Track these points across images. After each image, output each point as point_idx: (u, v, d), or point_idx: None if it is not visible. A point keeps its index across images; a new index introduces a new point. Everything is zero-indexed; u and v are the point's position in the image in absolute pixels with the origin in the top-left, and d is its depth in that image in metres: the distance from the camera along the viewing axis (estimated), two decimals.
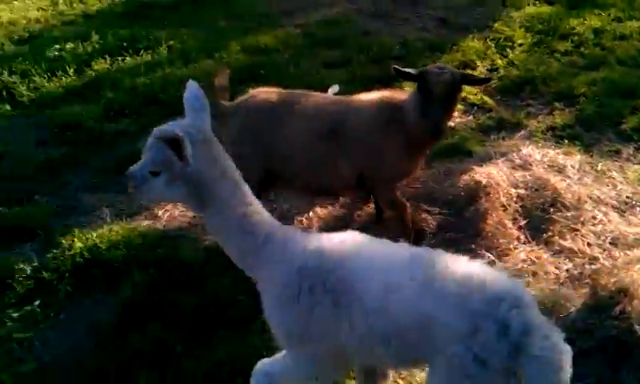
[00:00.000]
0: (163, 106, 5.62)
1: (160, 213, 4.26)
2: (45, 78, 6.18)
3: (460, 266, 2.09)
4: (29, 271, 3.69)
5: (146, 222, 4.16)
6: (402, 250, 2.20)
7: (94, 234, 3.92)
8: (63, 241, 3.89)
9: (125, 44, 6.93)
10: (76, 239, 3.88)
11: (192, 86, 2.28)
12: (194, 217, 4.12)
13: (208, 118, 2.21)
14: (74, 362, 3.12)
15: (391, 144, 3.55)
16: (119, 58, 6.62)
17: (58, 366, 3.12)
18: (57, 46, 6.94)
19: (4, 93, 5.96)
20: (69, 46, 6.93)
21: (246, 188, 2.24)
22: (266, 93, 3.82)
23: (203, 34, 7.29)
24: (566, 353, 1.92)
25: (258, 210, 2.23)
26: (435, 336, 1.97)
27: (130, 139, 5.20)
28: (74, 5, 8.79)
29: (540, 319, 1.97)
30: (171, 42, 6.93)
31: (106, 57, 6.60)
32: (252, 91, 3.92)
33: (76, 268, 3.68)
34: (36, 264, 3.74)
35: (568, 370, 1.91)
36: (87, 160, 4.97)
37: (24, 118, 5.67)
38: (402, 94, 3.77)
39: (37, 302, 3.49)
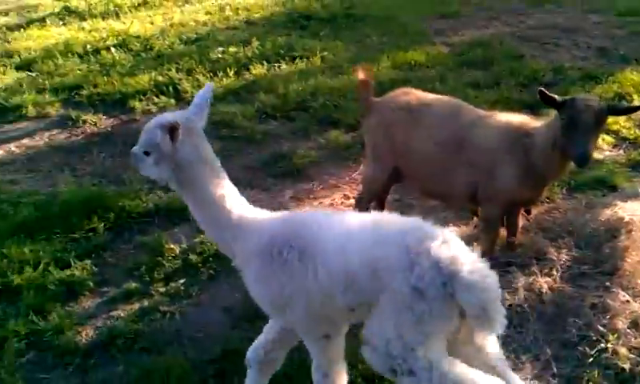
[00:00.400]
0: (311, 113, 5.92)
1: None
2: (207, 77, 6.68)
3: (399, 218, 2.45)
4: (177, 252, 4.06)
5: None
6: (352, 213, 2.65)
7: None
8: None
9: (282, 51, 7.33)
10: None
11: (207, 87, 2.69)
12: None
13: (204, 114, 2.56)
14: (209, 337, 3.40)
15: (511, 168, 3.55)
16: (276, 65, 7.01)
17: (194, 340, 3.41)
18: (220, 49, 7.46)
19: (170, 88, 6.50)
20: (231, 49, 7.43)
21: (223, 175, 2.56)
22: (406, 94, 3.98)
23: (355, 47, 7.54)
24: (492, 276, 2.21)
25: (233, 192, 2.55)
26: (381, 275, 2.25)
27: (279, 141, 5.53)
28: (239, 12, 9.37)
29: (465, 251, 2.27)
30: (325, 53, 7.22)
31: (264, 62, 7.01)
32: (395, 90, 4.11)
33: (218, 254, 3.97)
34: (184, 246, 4.10)
35: (496, 290, 2.19)
36: (238, 156, 5.32)
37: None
38: (536, 122, 3.74)
39: (182, 281, 3.83)
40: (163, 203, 4.61)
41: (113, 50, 7.65)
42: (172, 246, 4.10)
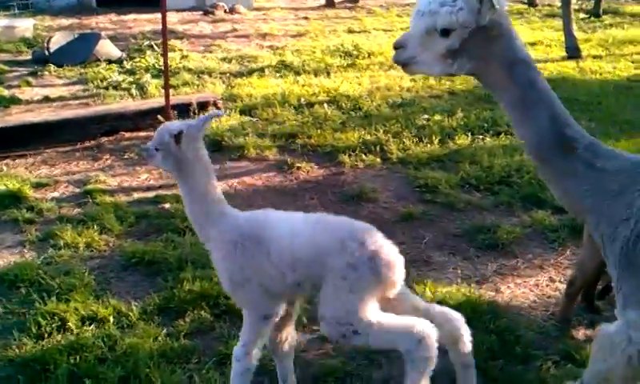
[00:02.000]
0: (516, 189, 5.94)
1: (503, 288, 4.53)
2: (412, 141, 6.95)
3: (336, 217, 3.16)
4: None
5: (490, 293, 4.45)
6: (298, 213, 3.22)
7: (443, 290, 4.34)
8: (416, 287, 4.36)
9: (486, 125, 7.46)
10: (427, 289, 4.34)
11: (215, 112, 3.47)
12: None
13: (204, 129, 3.12)
14: None
15: None
16: (479, 137, 7.14)
17: None
18: (425, 116, 7.74)
19: (377, 147, 6.85)
20: (436, 117, 7.67)
21: (213, 176, 3.15)
22: None
23: None
24: (399, 256, 2.95)
25: (217, 190, 3.15)
26: (323, 259, 2.89)
27: (481, 213, 5.61)
28: (442, 81, 9.64)
29: (384, 240, 2.96)
30: None
31: (468, 133, 7.17)
32: None
33: None
34: None
35: (401, 265, 2.94)
36: (440, 222, 5.47)
37: (390, 171, 6.48)
38: None
39: None
40: None
41: (325, 105, 8.20)
42: None
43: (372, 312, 2.87)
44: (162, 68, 9.68)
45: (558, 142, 2.66)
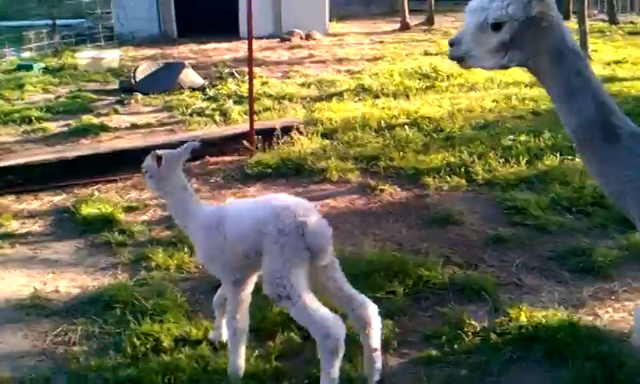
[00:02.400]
0: (610, 210, 5.68)
1: (601, 313, 4.32)
2: (499, 162, 6.79)
3: (276, 195, 3.97)
4: (477, 328, 4.13)
5: (588, 318, 4.26)
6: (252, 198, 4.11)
7: (540, 314, 4.18)
8: (510, 311, 4.23)
9: (574, 145, 7.18)
10: (522, 313, 4.19)
11: (193, 143, 3.91)
12: None
13: (183, 157, 3.81)
14: None
15: None
16: (569, 157, 6.90)
17: None
18: (511, 136, 7.56)
19: (462, 169, 6.73)
20: (522, 138, 7.49)
21: (189, 186, 3.86)
22: None
23: None
24: (327, 228, 3.42)
25: (193, 193, 3.86)
26: (261, 229, 3.40)
27: (574, 235, 5.40)
28: (526, 102, 9.43)
29: (316, 215, 3.44)
30: None
31: (556, 154, 6.95)
32: None
33: (519, 338, 3.97)
34: (484, 324, 4.16)
35: (328, 236, 3.40)
36: (531, 244, 5.29)
37: (476, 194, 6.34)
38: None
39: (482, 358, 3.88)
40: (459, 279, 4.74)
41: (406, 128, 8.14)
42: (472, 322, 4.18)
43: (301, 283, 3.34)
44: (243, 94, 9.93)
45: (604, 129, 2.85)
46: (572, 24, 16.21)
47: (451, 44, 3.05)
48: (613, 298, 4.55)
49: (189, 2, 16.67)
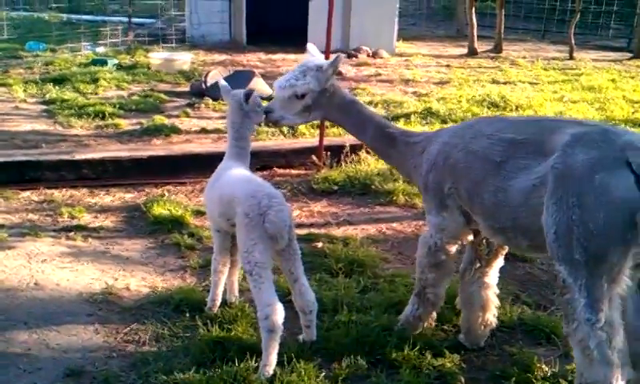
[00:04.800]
0: None
1: None
2: None
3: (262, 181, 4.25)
4: (547, 373, 4.05)
5: None
6: (243, 173, 4.34)
7: None
8: None
9: None
10: None
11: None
12: None
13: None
14: None
15: None
16: None
17: None
18: None
19: None
20: None
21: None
22: None
23: None
24: (287, 216, 3.88)
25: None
26: (234, 205, 3.95)
27: None
28: None
29: (281, 205, 3.88)
30: None
31: None
32: None
33: None
34: (555, 370, 4.07)
35: (285, 224, 3.84)
36: None
37: None
38: None
39: None
40: (528, 317, 4.67)
41: None
42: (543, 365, 4.10)
43: (263, 263, 3.82)
44: None
45: (385, 138, 4.31)
46: None
47: (266, 112, 4.31)
48: None
49: (260, 11, 16.89)
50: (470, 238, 4.14)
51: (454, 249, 4.11)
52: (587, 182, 3.13)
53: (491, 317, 4.33)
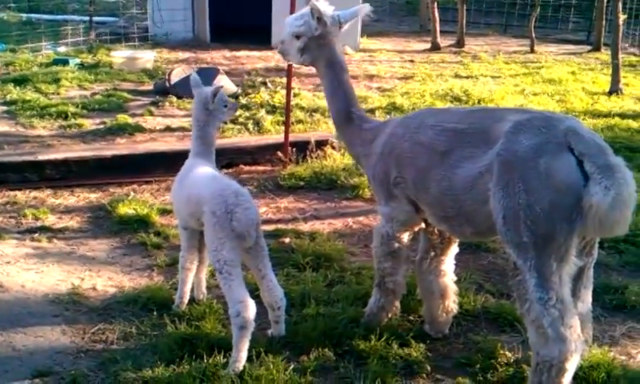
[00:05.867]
0: None
1: (634, 352, 4.33)
2: None
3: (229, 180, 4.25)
4: (511, 359, 4.15)
5: (622, 357, 4.26)
6: (209, 171, 4.38)
7: None
8: None
9: None
10: None
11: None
12: None
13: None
14: None
15: None
16: None
17: None
18: None
19: None
20: None
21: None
22: None
23: None
24: (254, 215, 3.94)
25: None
26: (202, 204, 4.00)
27: (606, 271, 5.40)
28: None
29: (247, 203, 3.94)
30: None
31: None
32: None
33: None
34: (518, 356, 4.18)
35: (252, 223, 3.91)
36: None
37: None
38: None
39: None
40: (492, 306, 4.78)
41: None
42: (506, 352, 4.20)
43: (232, 261, 3.86)
44: (276, 104, 10.03)
45: (347, 114, 4.37)
46: (604, 56, 16.24)
47: (281, 42, 4.44)
48: None
49: (222, 8, 16.81)
50: (422, 225, 4.25)
51: (405, 237, 4.23)
52: (532, 167, 3.28)
53: (451, 303, 4.42)
